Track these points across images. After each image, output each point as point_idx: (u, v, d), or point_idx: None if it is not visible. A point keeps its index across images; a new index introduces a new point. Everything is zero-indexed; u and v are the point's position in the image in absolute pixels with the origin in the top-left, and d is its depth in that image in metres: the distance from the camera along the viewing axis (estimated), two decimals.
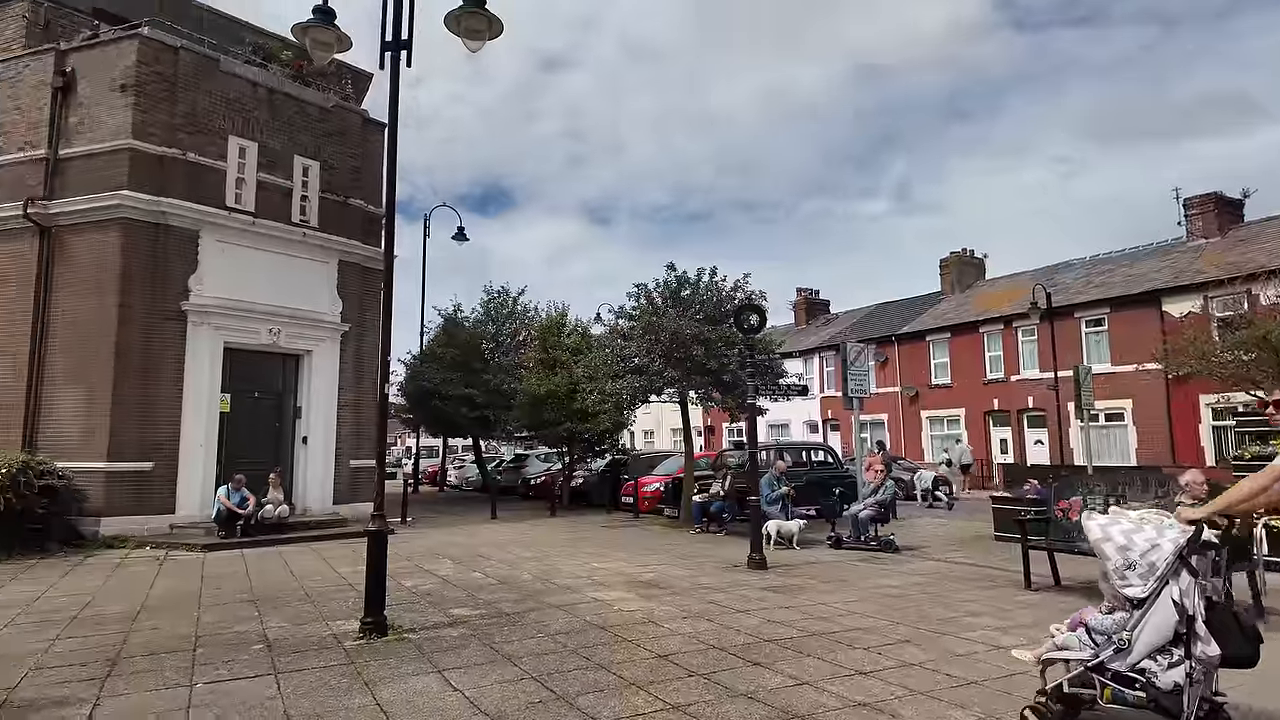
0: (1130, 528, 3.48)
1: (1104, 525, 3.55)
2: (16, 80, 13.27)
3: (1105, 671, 3.43)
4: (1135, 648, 3.34)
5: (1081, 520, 3.72)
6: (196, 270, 12.80)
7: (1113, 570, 3.45)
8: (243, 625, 6.25)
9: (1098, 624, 3.54)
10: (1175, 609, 3.25)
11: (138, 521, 11.82)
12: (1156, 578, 3.32)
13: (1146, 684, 3.31)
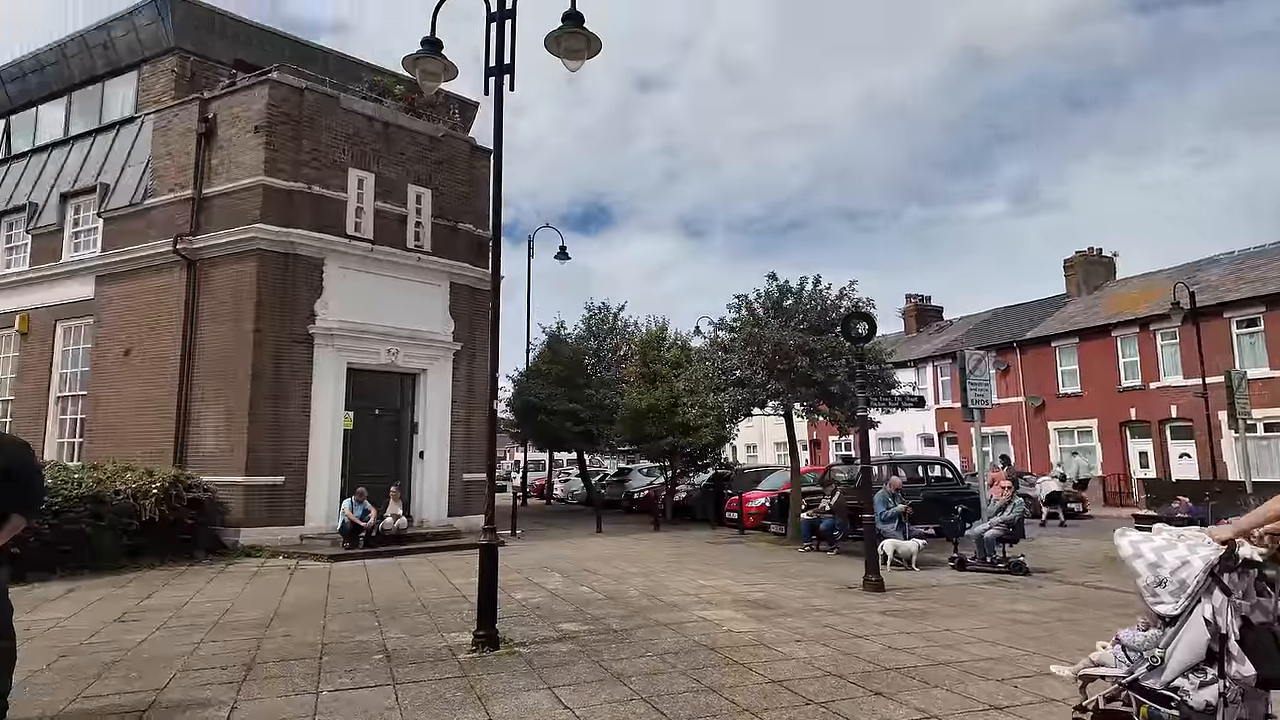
0: (1162, 544, 3.49)
1: (1135, 542, 3.56)
2: (167, 129, 14.66)
3: (1140, 689, 3.40)
4: (1169, 665, 3.32)
5: (1114, 537, 3.72)
6: (321, 295, 13.64)
7: (1144, 587, 3.46)
8: (364, 635, 6.50)
9: (1131, 640, 3.56)
10: (1207, 627, 3.22)
11: (272, 532, 12.63)
12: (1188, 595, 3.29)
13: (1180, 702, 3.27)
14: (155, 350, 13.95)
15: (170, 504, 11.29)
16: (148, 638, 6.49)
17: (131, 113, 15.93)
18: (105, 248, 15.08)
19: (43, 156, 17.35)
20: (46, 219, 16.24)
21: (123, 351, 14.44)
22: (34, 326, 15.86)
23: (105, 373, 14.66)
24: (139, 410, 13.97)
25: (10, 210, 17.02)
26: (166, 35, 15.42)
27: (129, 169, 15.26)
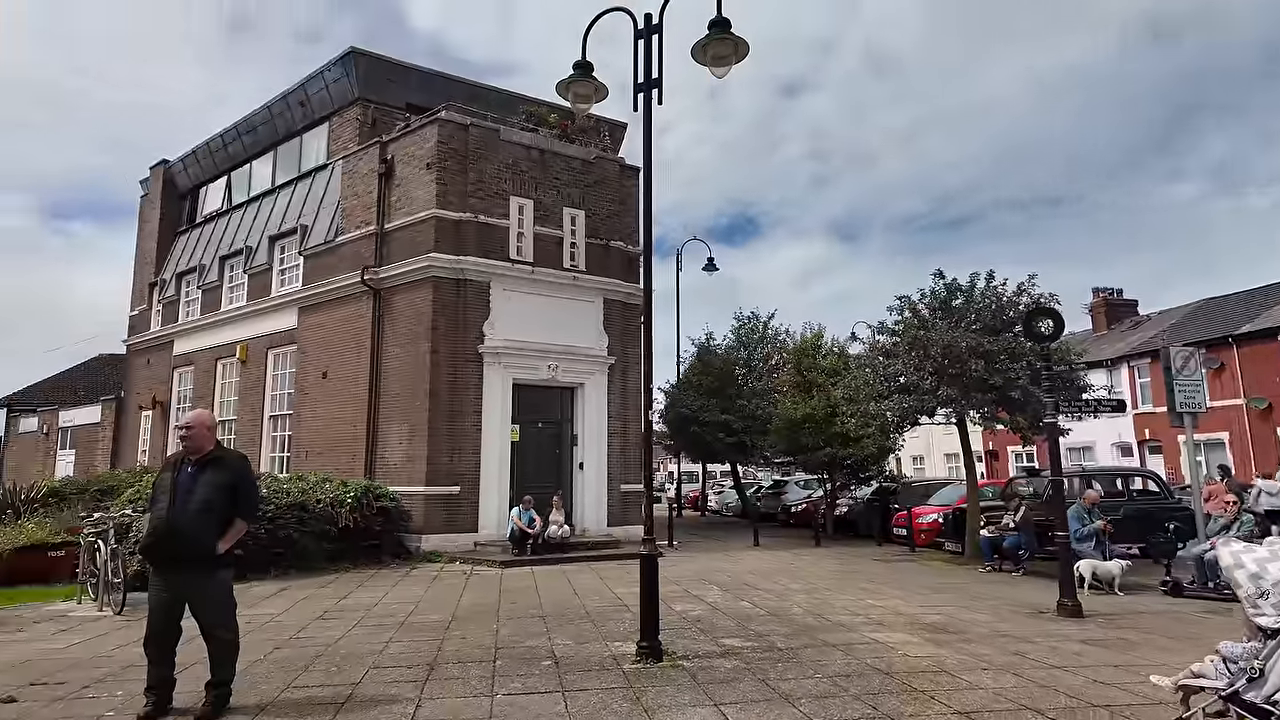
0: (1265, 556, 3.46)
1: (1236, 553, 3.55)
2: (354, 172, 16.27)
3: (1240, 701, 3.33)
4: (1269, 679, 3.22)
5: (1216, 548, 3.59)
6: (489, 317, 14.48)
7: (1245, 599, 3.42)
8: (533, 640, 6.72)
9: (1231, 652, 3.48)
10: None
11: (449, 539, 13.50)
12: None
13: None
14: (348, 372, 15.44)
15: (362, 512, 12.38)
16: (345, 635, 7.10)
17: (324, 160, 17.85)
18: (305, 282, 16.94)
19: (255, 205, 19.86)
20: (259, 259, 18.54)
21: (321, 374, 16.12)
22: (251, 354, 18.11)
23: (307, 393, 16.42)
24: (335, 426, 15.51)
25: (231, 254, 19.61)
26: (351, 88, 17.15)
27: (323, 210, 17.09)
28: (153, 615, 4.65)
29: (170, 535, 4.59)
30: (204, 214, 22.15)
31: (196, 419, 4.89)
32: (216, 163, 21.69)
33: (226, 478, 4.78)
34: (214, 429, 5.00)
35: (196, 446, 4.80)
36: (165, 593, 4.65)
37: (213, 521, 4.68)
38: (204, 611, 4.68)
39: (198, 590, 4.65)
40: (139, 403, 21.83)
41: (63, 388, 30.44)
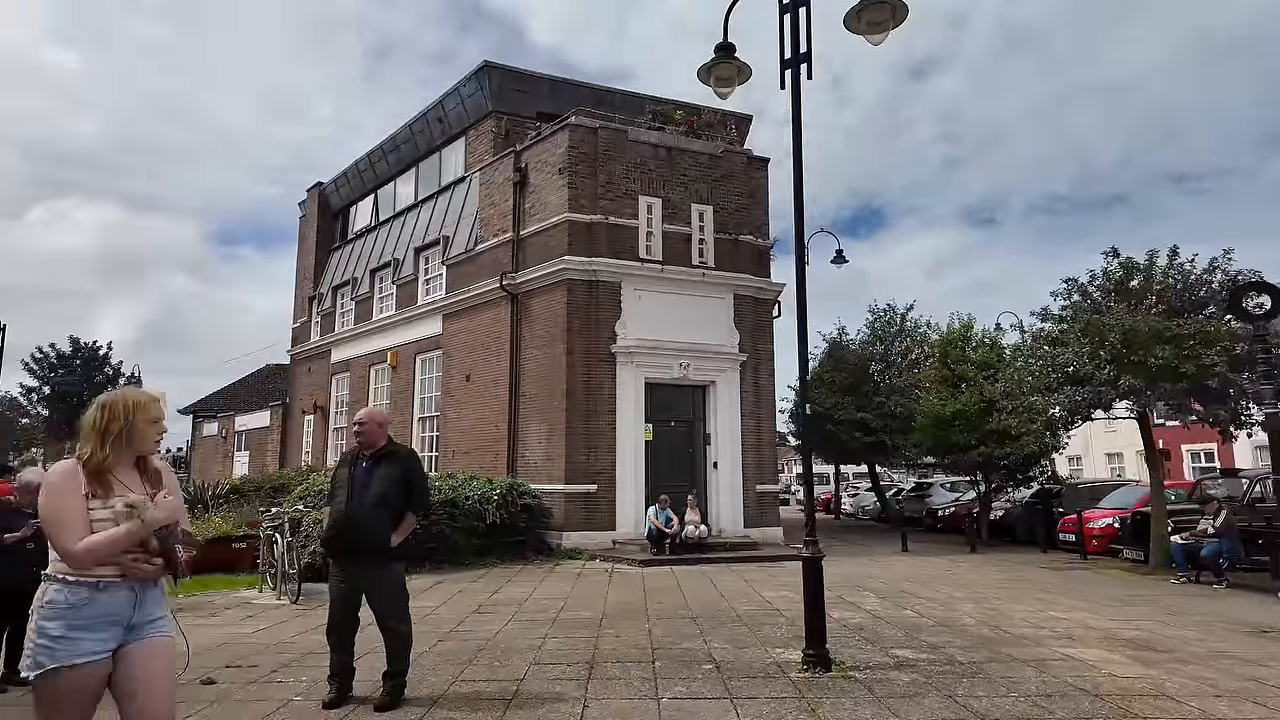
0: None
1: None
2: (490, 182, 16.85)
3: None
4: None
5: None
6: (620, 317, 14.53)
7: None
8: (688, 642, 6.53)
9: None
10: None
11: (588, 536, 13.63)
12: None
13: None
14: (489, 375, 15.98)
15: (508, 509, 12.71)
16: (501, 629, 7.20)
17: (462, 173, 18.63)
18: (449, 290, 17.72)
19: (400, 220, 21.05)
20: (405, 271, 19.61)
21: (464, 377, 16.79)
22: (401, 360, 19.17)
23: (452, 396, 17.15)
24: (478, 427, 16.10)
25: (381, 267, 20.88)
26: (486, 101, 17.79)
27: (463, 221, 17.82)
28: (333, 605, 4.84)
29: (349, 528, 4.75)
30: (354, 231, 23.77)
31: (369, 416, 5.05)
32: (364, 182, 23.21)
33: (399, 472, 4.89)
34: (385, 425, 5.14)
35: (370, 442, 4.95)
36: (344, 584, 4.82)
37: (387, 514, 4.81)
38: (379, 602, 4.81)
39: (373, 581, 4.79)
40: (302, 407, 23.71)
41: (236, 396, 33.65)
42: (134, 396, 2.72)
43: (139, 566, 2.58)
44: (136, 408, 2.68)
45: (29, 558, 5.36)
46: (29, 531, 5.31)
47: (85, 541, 2.48)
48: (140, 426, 2.67)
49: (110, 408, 2.66)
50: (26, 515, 5.42)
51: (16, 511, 5.45)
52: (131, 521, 2.53)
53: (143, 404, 2.71)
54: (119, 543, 2.52)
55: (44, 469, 6.45)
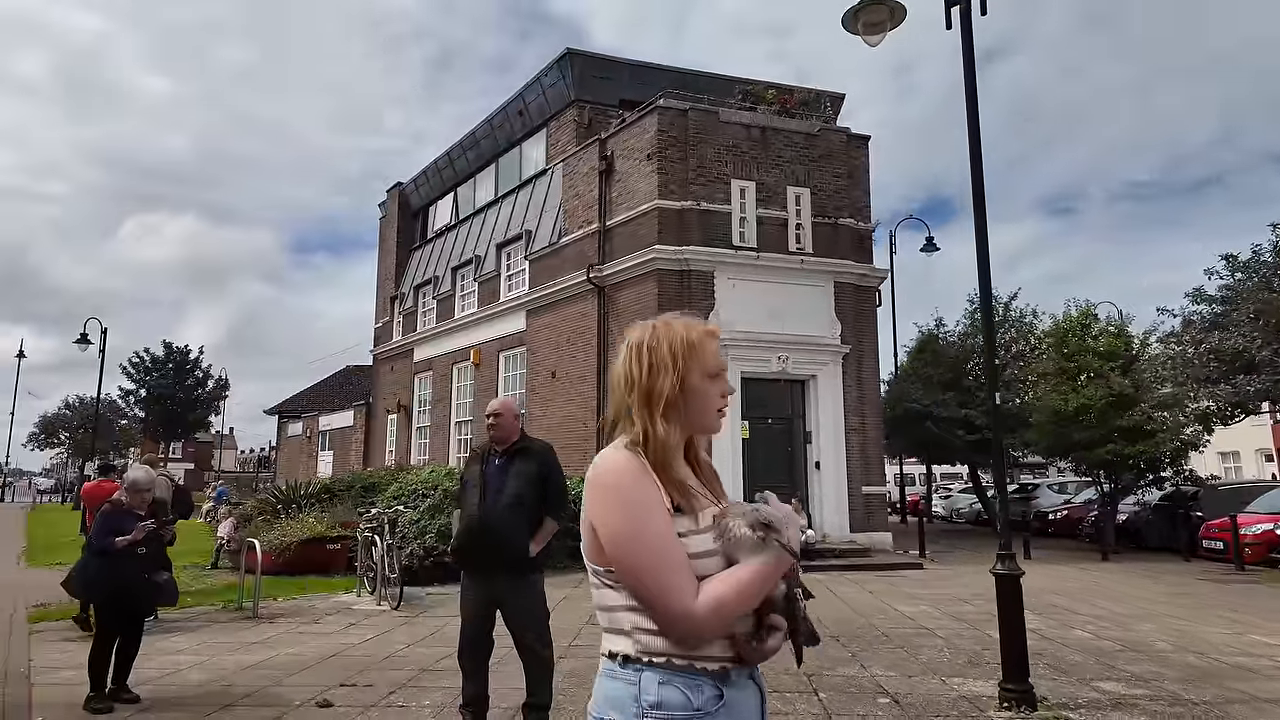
0: None
1: None
2: (574, 172, 16.33)
3: None
4: None
5: None
6: (714, 308, 13.75)
7: None
8: (844, 668, 5.73)
9: None
10: None
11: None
12: None
13: None
14: (576, 370, 15.46)
15: None
16: None
17: (543, 166, 18.20)
18: (532, 285, 17.30)
19: (481, 217, 20.81)
20: (487, 267, 19.33)
21: (550, 373, 16.32)
22: (484, 357, 18.88)
23: (537, 393, 16.72)
24: (565, 424, 15.58)
25: (462, 264, 20.68)
26: (567, 90, 17.30)
27: (545, 214, 17.37)
28: (466, 624, 4.24)
29: (484, 533, 4.14)
30: (434, 229, 23.72)
31: (504, 406, 4.45)
32: (444, 180, 23.12)
33: (535, 469, 4.28)
34: (520, 417, 4.53)
35: (504, 435, 4.35)
36: (477, 598, 4.22)
37: (524, 518, 4.20)
38: (517, 620, 4.18)
39: (511, 595, 4.17)
40: (385, 407, 23.81)
41: (319, 397, 34.35)
42: (682, 330, 1.53)
43: (762, 643, 1.42)
44: (688, 350, 1.50)
45: (140, 563, 4.99)
46: (140, 535, 4.93)
47: (711, 594, 1.34)
48: (698, 384, 1.50)
49: (652, 350, 1.49)
50: (137, 516, 5.05)
51: (127, 513, 5.08)
52: (767, 553, 1.38)
53: (696, 343, 1.52)
54: (756, 591, 1.37)
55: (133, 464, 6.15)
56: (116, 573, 4.86)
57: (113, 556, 4.86)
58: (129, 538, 4.89)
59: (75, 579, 5.14)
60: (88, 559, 5.03)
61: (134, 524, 4.95)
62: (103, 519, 5.03)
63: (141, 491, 5.10)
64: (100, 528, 4.99)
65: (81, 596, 5.31)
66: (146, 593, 5.06)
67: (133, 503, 5.10)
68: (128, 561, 4.87)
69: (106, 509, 5.10)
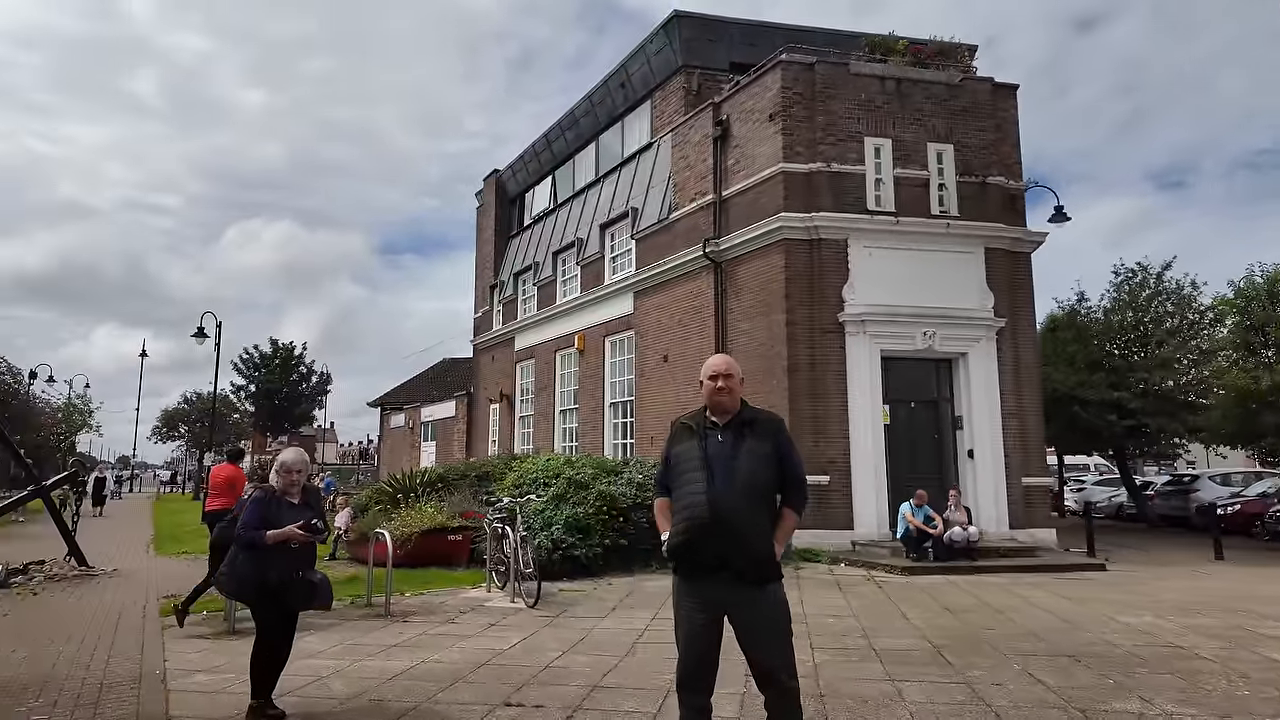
0: None
1: None
2: (684, 142, 15.31)
3: None
4: None
5: None
6: (848, 280, 12.50)
7: None
8: (1118, 700, 4.52)
9: None
10: None
11: (822, 536, 11.74)
12: None
13: None
14: (690, 353, 14.47)
15: None
16: (814, 661, 5.52)
17: (648, 139, 17.27)
18: (639, 265, 16.41)
19: (581, 198, 20.09)
20: (590, 250, 18.58)
21: (661, 357, 15.40)
22: (588, 343, 18.16)
23: (647, 379, 15.83)
24: (679, 410, 14.58)
25: (563, 248, 20.02)
26: (675, 56, 16.28)
27: (652, 190, 16.44)
28: (688, 645, 3.28)
29: (715, 527, 3.17)
30: (533, 215, 23.20)
31: (730, 365, 3.50)
32: (541, 164, 22.54)
33: (770, 447, 3.30)
34: (744, 381, 3.56)
35: (729, 404, 3.39)
36: (703, 613, 3.25)
37: (764, 510, 3.23)
38: (756, 643, 3.21)
39: (746, 610, 3.19)
40: (488, 396, 23.52)
41: (418, 389, 34.72)
42: None
43: None
44: None
45: (291, 559, 4.23)
46: (302, 535, 4.25)
47: None
48: None
49: None
50: (289, 505, 4.33)
51: (279, 500, 4.35)
52: None
53: None
54: None
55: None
56: (268, 570, 4.17)
57: (262, 551, 4.18)
58: (283, 532, 4.18)
59: (225, 577, 4.46)
60: (235, 553, 4.36)
61: (289, 514, 4.25)
62: (253, 506, 4.30)
63: (292, 473, 4.40)
64: (250, 516, 4.26)
65: (235, 596, 4.66)
66: (302, 593, 4.33)
67: (284, 487, 4.38)
68: (279, 557, 4.19)
69: (257, 494, 4.41)
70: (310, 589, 4.34)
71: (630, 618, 7.19)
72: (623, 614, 7.39)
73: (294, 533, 4.19)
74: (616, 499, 10.19)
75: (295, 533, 4.19)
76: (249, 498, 4.48)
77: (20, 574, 9.77)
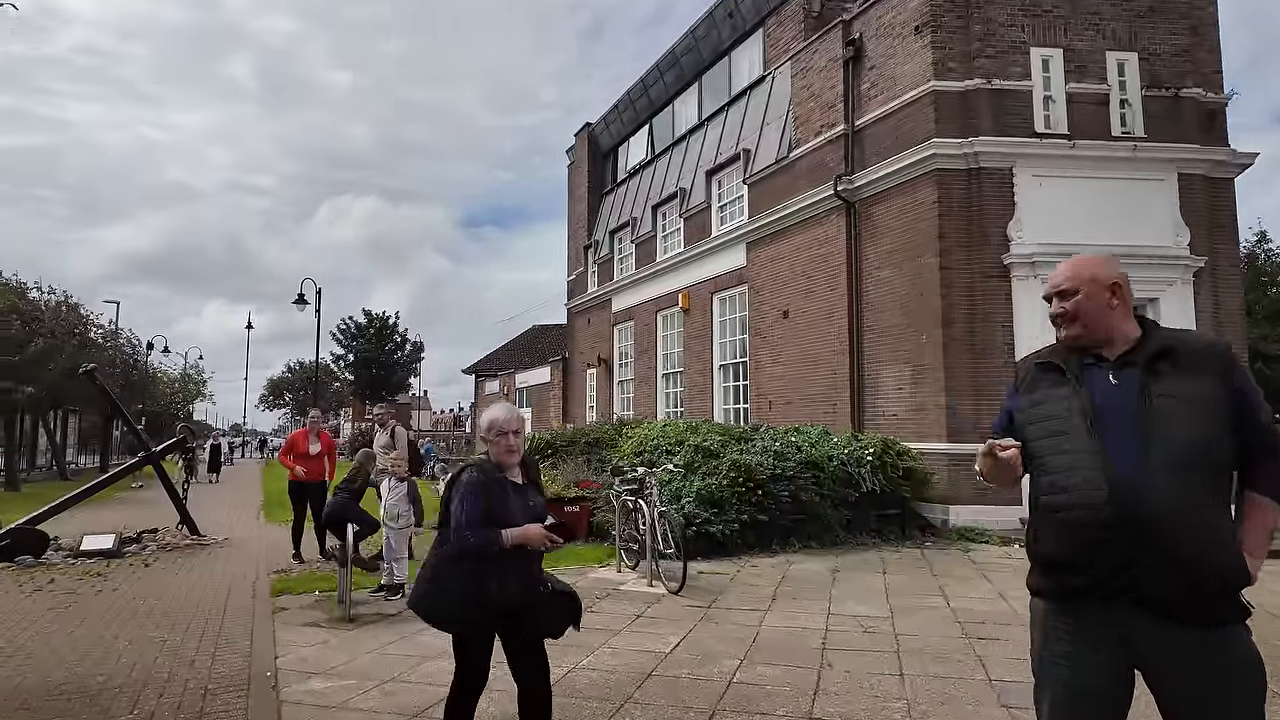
0: None
1: None
2: (808, 69, 13.65)
3: None
4: None
5: None
6: (1014, 215, 10.73)
7: None
8: None
9: None
10: None
11: (984, 513, 10.21)
12: None
13: None
14: (816, 307, 13.02)
15: (886, 473, 9.72)
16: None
17: (760, 73, 15.65)
18: (753, 212, 14.95)
19: (683, 146, 18.68)
20: (695, 200, 17.20)
21: (780, 313, 13.98)
22: (693, 301, 16.89)
23: (763, 338, 14.46)
24: (803, 374, 13.24)
25: (663, 201, 18.70)
26: None
27: (767, 128, 14.88)
28: (1056, 709, 2.02)
29: (1126, 528, 1.88)
30: (628, 169, 21.95)
31: (1073, 271, 2.19)
32: (637, 112, 21.19)
33: (1211, 388, 1.95)
34: (1118, 289, 2.20)
35: (1105, 326, 2.09)
36: (1094, 671, 1.96)
37: (1211, 495, 1.91)
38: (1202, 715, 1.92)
39: (1184, 670, 1.90)
40: (586, 361, 22.67)
41: (510, 356, 34.45)
42: None
43: None
44: None
45: (528, 566, 2.91)
46: (554, 541, 2.88)
47: None
48: None
49: None
50: (523, 487, 2.95)
51: (501, 483, 2.87)
52: None
53: None
54: None
55: None
56: (503, 582, 2.77)
57: (487, 560, 2.77)
58: (525, 534, 2.79)
59: (431, 597, 2.87)
60: (436, 565, 2.88)
61: (516, 500, 2.86)
62: (472, 496, 2.80)
63: (510, 436, 2.92)
64: (472, 510, 2.77)
65: (451, 624, 2.87)
66: (557, 612, 2.95)
67: (501, 458, 2.91)
68: (515, 564, 2.80)
69: (475, 476, 2.86)
70: (569, 605, 2.98)
71: (798, 612, 6.00)
72: (786, 606, 6.21)
73: (541, 535, 2.82)
74: (753, 469, 8.98)
75: (543, 536, 2.83)
76: (465, 481, 2.87)
77: (134, 543, 9.47)
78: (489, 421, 2.99)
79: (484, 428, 3.00)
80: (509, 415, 3.01)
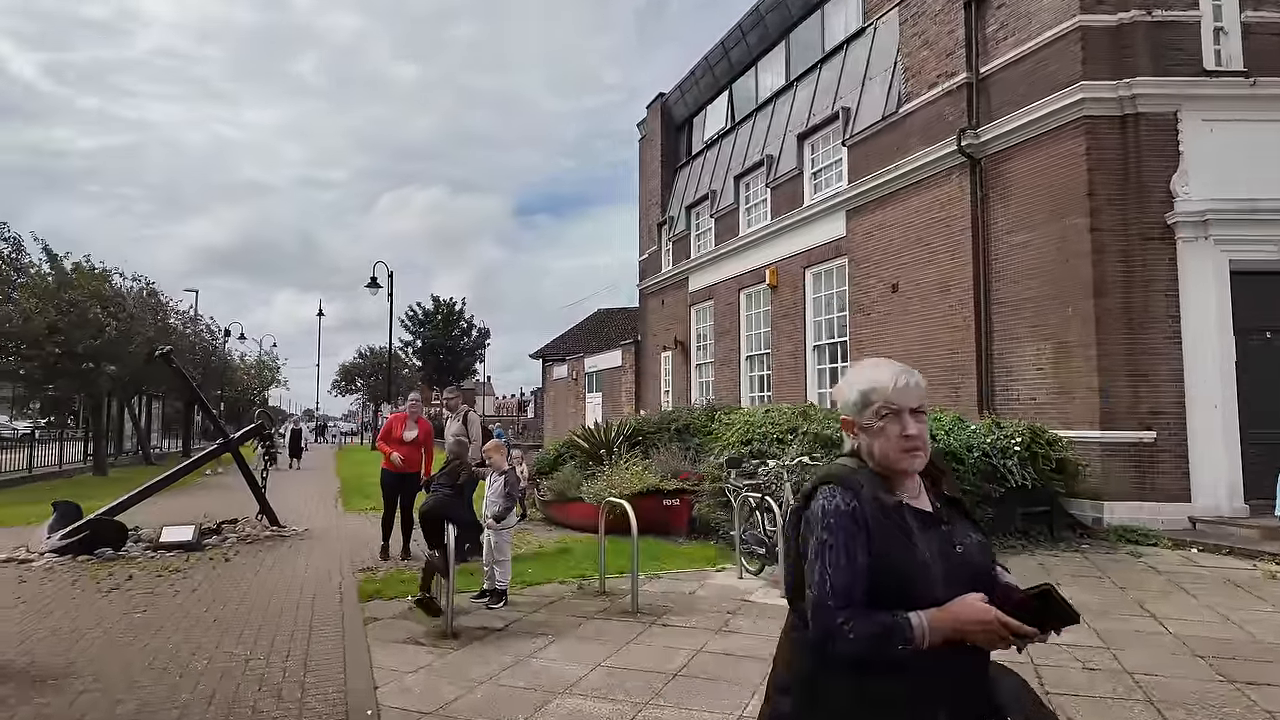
0: None
1: None
2: (918, 15, 12.26)
3: None
4: None
5: None
6: (1179, 167, 9.23)
7: None
8: None
9: None
10: None
11: (1144, 509, 8.88)
12: None
13: None
14: (932, 279, 11.72)
15: (1036, 466, 8.47)
16: None
17: (858, 25, 14.29)
18: (853, 177, 13.65)
19: (767, 111, 17.44)
20: (784, 167, 15.97)
21: (889, 287, 12.71)
22: (783, 277, 15.72)
23: (868, 314, 13.22)
24: (918, 352, 11.94)
25: (746, 171, 17.51)
26: None
27: (870, 83, 13.54)
28: None
29: None
30: (705, 139, 20.78)
31: None
32: (716, 78, 19.98)
33: None
34: None
35: None
36: None
37: None
38: None
39: None
40: (661, 344, 21.72)
41: (577, 341, 33.77)
42: None
43: None
44: None
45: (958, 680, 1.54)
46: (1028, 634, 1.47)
47: None
48: None
49: None
50: (933, 519, 1.60)
51: (899, 508, 1.55)
52: None
53: None
54: None
55: None
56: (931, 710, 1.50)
57: (891, 676, 1.47)
58: (950, 618, 1.44)
59: None
60: (811, 676, 1.55)
61: (926, 542, 1.52)
62: (841, 531, 1.50)
63: (902, 416, 1.58)
64: (839, 564, 1.49)
65: None
66: None
67: (892, 462, 1.58)
68: (949, 684, 1.50)
69: (844, 501, 1.53)
70: None
71: None
72: None
73: (994, 621, 1.43)
74: None
75: (997, 621, 1.43)
76: (825, 512, 1.53)
77: (214, 534, 8.99)
78: (864, 389, 1.61)
79: (851, 403, 1.63)
80: (907, 381, 1.61)
